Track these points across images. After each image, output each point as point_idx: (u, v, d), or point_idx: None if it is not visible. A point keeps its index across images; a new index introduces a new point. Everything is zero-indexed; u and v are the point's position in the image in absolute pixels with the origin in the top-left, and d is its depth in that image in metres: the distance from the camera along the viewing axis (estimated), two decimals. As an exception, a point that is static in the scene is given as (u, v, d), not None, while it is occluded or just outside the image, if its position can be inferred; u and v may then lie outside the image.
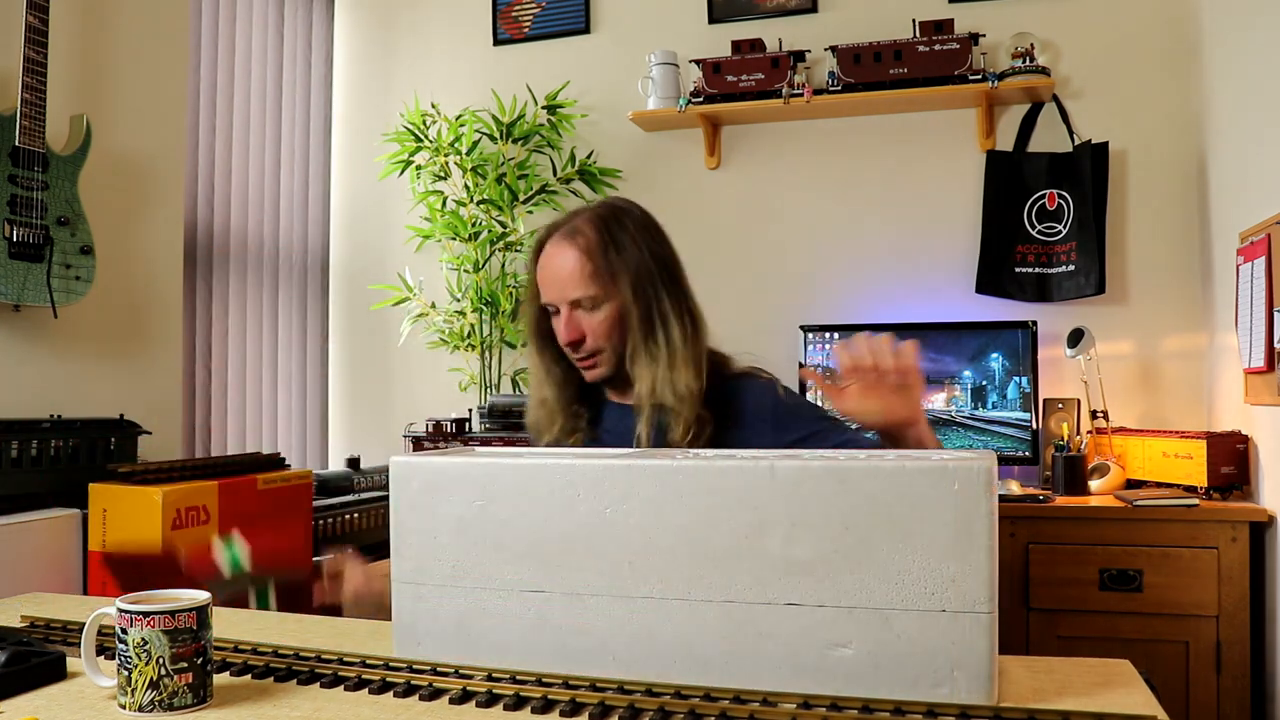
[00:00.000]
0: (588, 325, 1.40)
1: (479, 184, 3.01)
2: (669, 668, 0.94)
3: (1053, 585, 2.20)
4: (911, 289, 2.84)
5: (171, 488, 1.64)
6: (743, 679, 0.92)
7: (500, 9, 3.24)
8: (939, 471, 0.87)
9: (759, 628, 0.91)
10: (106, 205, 2.09)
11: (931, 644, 0.87)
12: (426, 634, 1.03)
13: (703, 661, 0.93)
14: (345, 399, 3.34)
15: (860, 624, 0.89)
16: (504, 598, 0.99)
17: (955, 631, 0.86)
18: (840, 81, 2.74)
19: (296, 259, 3.15)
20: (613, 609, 0.96)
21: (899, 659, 0.88)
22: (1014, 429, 2.57)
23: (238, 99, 2.87)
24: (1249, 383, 2.18)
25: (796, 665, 0.90)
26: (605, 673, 0.95)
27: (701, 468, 0.94)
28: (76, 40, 2.07)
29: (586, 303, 1.40)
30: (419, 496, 1.02)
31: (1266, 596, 2.14)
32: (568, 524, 0.97)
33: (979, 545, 0.86)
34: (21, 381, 1.93)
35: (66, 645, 1.12)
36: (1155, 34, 2.69)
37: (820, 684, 0.89)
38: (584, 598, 0.97)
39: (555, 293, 1.41)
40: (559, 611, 0.97)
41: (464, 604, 1.01)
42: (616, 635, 0.96)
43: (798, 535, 0.90)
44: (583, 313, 1.40)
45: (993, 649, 0.87)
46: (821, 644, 0.90)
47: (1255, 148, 2.17)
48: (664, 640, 0.94)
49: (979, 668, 0.86)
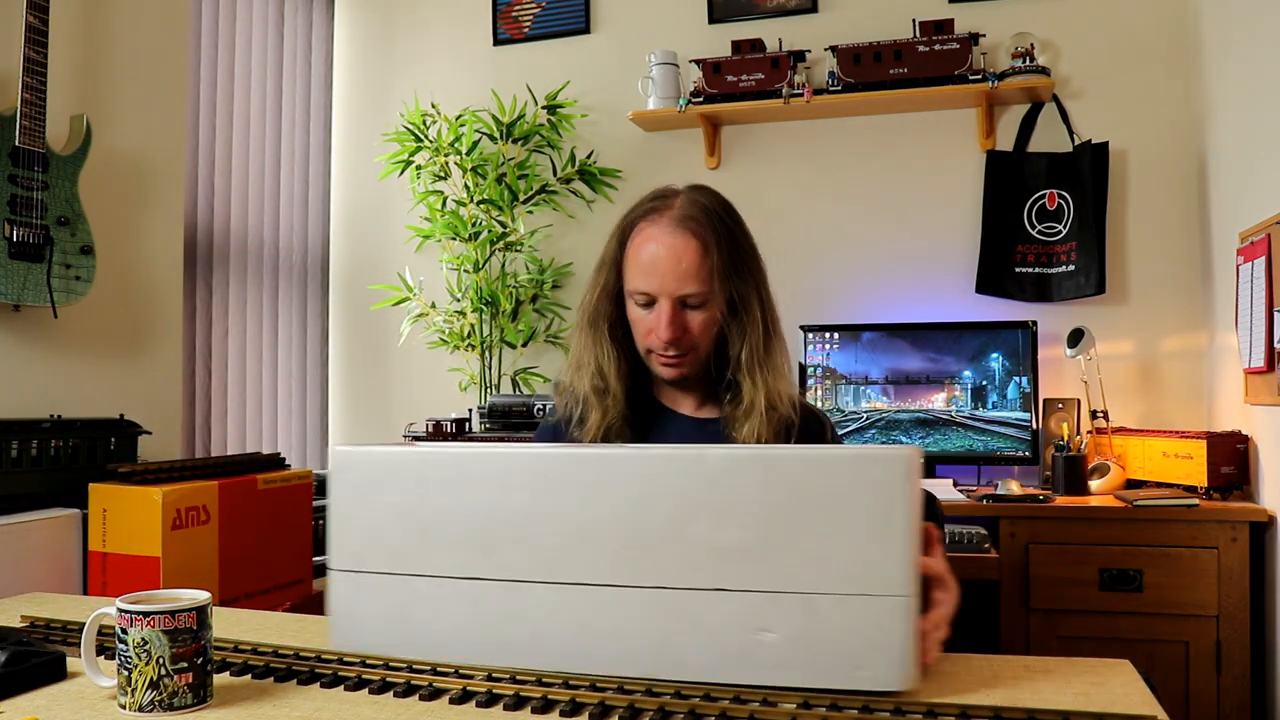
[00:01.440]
0: (691, 322, 1.32)
1: (479, 184, 3.01)
2: (601, 655, 0.96)
3: (1053, 585, 2.20)
4: (911, 289, 2.84)
5: (171, 488, 1.64)
6: (671, 665, 0.94)
7: (500, 9, 3.24)
8: (861, 459, 0.91)
9: (687, 614, 0.93)
10: (106, 205, 2.09)
11: (852, 628, 0.89)
12: (365, 623, 1.04)
13: (633, 648, 0.95)
14: (345, 399, 3.34)
15: (784, 609, 0.91)
16: (440, 586, 1.01)
17: (875, 615, 0.89)
18: (840, 81, 2.74)
19: (296, 259, 3.15)
20: (546, 597, 0.97)
21: (820, 643, 0.90)
22: (1014, 429, 2.57)
23: (238, 99, 2.87)
24: (1249, 383, 2.18)
25: (723, 651, 0.92)
26: (540, 661, 0.97)
27: (632, 456, 0.96)
28: (76, 40, 2.07)
29: (695, 299, 1.30)
30: (358, 487, 1.03)
31: (1266, 596, 2.14)
32: (503, 513, 0.98)
33: (898, 532, 0.89)
34: (21, 381, 1.93)
35: (66, 645, 1.12)
36: (1155, 34, 2.69)
37: (745, 669, 0.92)
38: (518, 586, 0.98)
39: (659, 284, 1.30)
40: (494, 600, 0.99)
41: (401, 593, 1.02)
42: (550, 622, 0.97)
43: (725, 522, 0.92)
44: (686, 310, 1.31)
45: (910, 633, 0.89)
46: (747, 629, 0.92)
47: (1255, 148, 2.17)
48: (596, 627, 0.96)
49: (896, 651, 0.88)
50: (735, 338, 1.34)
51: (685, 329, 1.32)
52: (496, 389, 3.04)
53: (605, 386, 1.38)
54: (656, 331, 1.31)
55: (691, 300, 1.31)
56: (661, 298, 1.30)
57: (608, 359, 1.38)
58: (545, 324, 3.09)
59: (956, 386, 2.62)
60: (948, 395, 2.62)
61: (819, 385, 2.70)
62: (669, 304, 1.30)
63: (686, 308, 1.31)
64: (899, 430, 2.64)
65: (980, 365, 2.61)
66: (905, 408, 2.64)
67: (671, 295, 1.30)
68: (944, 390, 2.63)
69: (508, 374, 3.07)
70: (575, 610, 0.96)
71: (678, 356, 1.33)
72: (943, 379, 2.63)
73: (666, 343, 1.31)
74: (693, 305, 1.31)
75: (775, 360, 1.35)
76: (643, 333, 1.34)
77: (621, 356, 1.39)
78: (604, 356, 1.38)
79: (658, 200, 1.35)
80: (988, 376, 2.60)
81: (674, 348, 1.32)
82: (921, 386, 2.64)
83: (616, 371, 1.38)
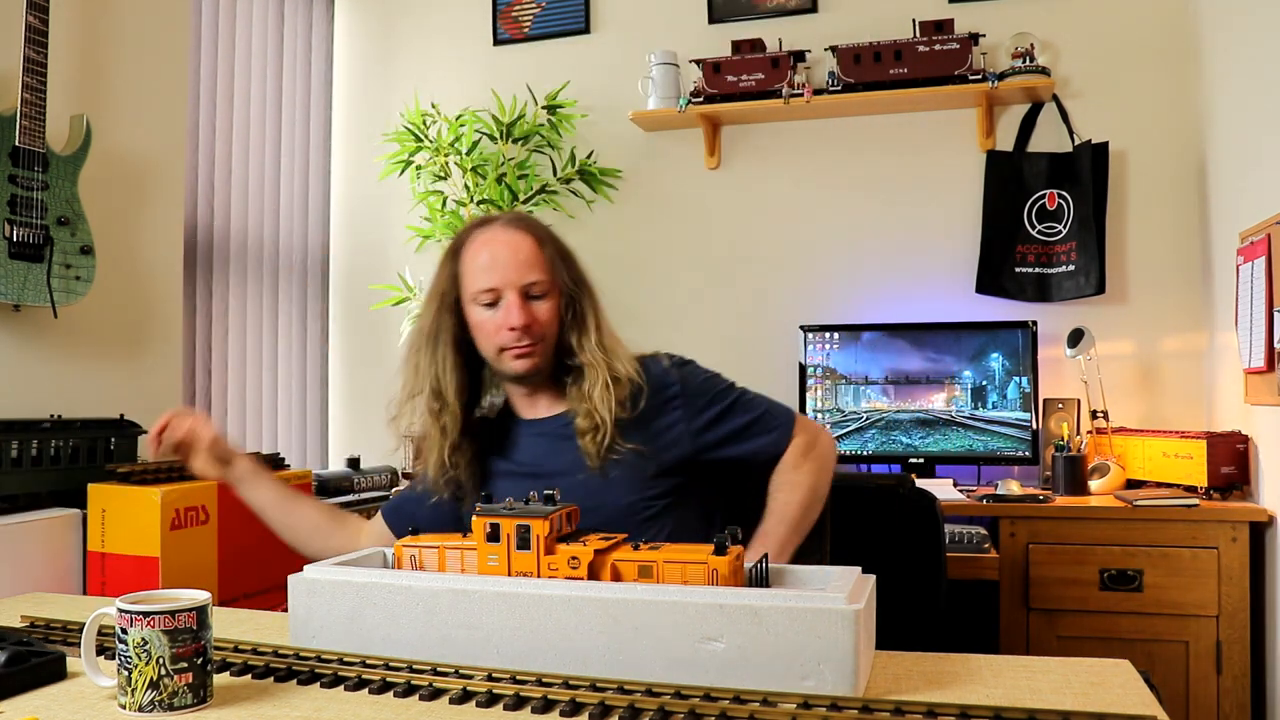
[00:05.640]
0: (537, 311, 1.39)
1: (479, 184, 3.01)
2: (551, 660, 0.98)
3: (1053, 585, 2.20)
4: (911, 289, 2.84)
5: (171, 488, 1.64)
6: (620, 670, 0.95)
7: (500, 9, 3.24)
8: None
9: (636, 622, 0.95)
10: (106, 205, 2.09)
11: (799, 638, 0.91)
12: (321, 627, 1.07)
13: (583, 654, 0.97)
14: (345, 399, 3.34)
15: (731, 619, 0.92)
16: (393, 594, 1.04)
17: (821, 626, 0.90)
18: (840, 81, 2.74)
19: (296, 259, 3.15)
20: (497, 604, 0.99)
21: (767, 652, 0.91)
22: (1014, 429, 2.57)
23: (238, 99, 2.86)
24: (1249, 383, 2.18)
25: (670, 659, 0.94)
26: (490, 665, 0.99)
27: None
28: (76, 40, 2.07)
29: (537, 288, 1.38)
30: None
31: (1266, 596, 2.14)
32: None
33: None
34: (21, 381, 1.93)
35: (66, 645, 1.12)
36: (1155, 34, 2.69)
37: (694, 676, 0.93)
38: (469, 593, 1.01)
39: (500, 277, 1.37)
40: (446, 606, 1.01)
41: (355, 599, 1.05)
42: (501, 629, 0.99)
43: None
44: (532, 300, 1.39)
45: (857, 643, 0.90)
46: (695, 638, 0.93)
47: (1255, 148, 2.17)
48: (546, 634, 0.98)
49: (844, 661, 0.90)
50: (573, 329, 1.42)
51: (534, 317, 1.38)
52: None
53: (442, 405, 1.42)
54: (507, 323, 1.36)
55: (534, 289, 1.38)
56: (506, 290, 1.37)
57: (446, 372, 1.42)
58: (545, 324, 3.09)
59: (956, 386, 2.62)
60: (948, 395, 2.62)
61: (819, 385, 2.70)
62: (515, 294, 1.37)
63: (531, 298, 1.38)
64: (899, 430, 2.64)
65: (980, 365, 2.61)
66: (905, 408, 2.64)
67: (516, 285, 1.37)
68: (944, 390, 2.63)
69: (508, 374, 3.06)
70: (527, 617, 0.99)
71: (530, 345, 1.38)
72: (943, 379, 2.63)
73: (518, 332, 1.37)
74: (536, 295, 1.39)
75: (611, 340, 1.42)
76: (491, 332, 1.39)
77: (461, 369, 1.43)
78: (443, 371, 1.42)
79: (482, 219, 1.46)
80: (988, 376, 2.60)
81: (526, 336, 1.37)
82: (921, 386, 2.64)
83: (455, 385, 1.42)
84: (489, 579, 1.03)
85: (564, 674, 0.95)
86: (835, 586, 0.95)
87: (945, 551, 1.67)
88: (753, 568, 1.03)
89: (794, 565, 1.09)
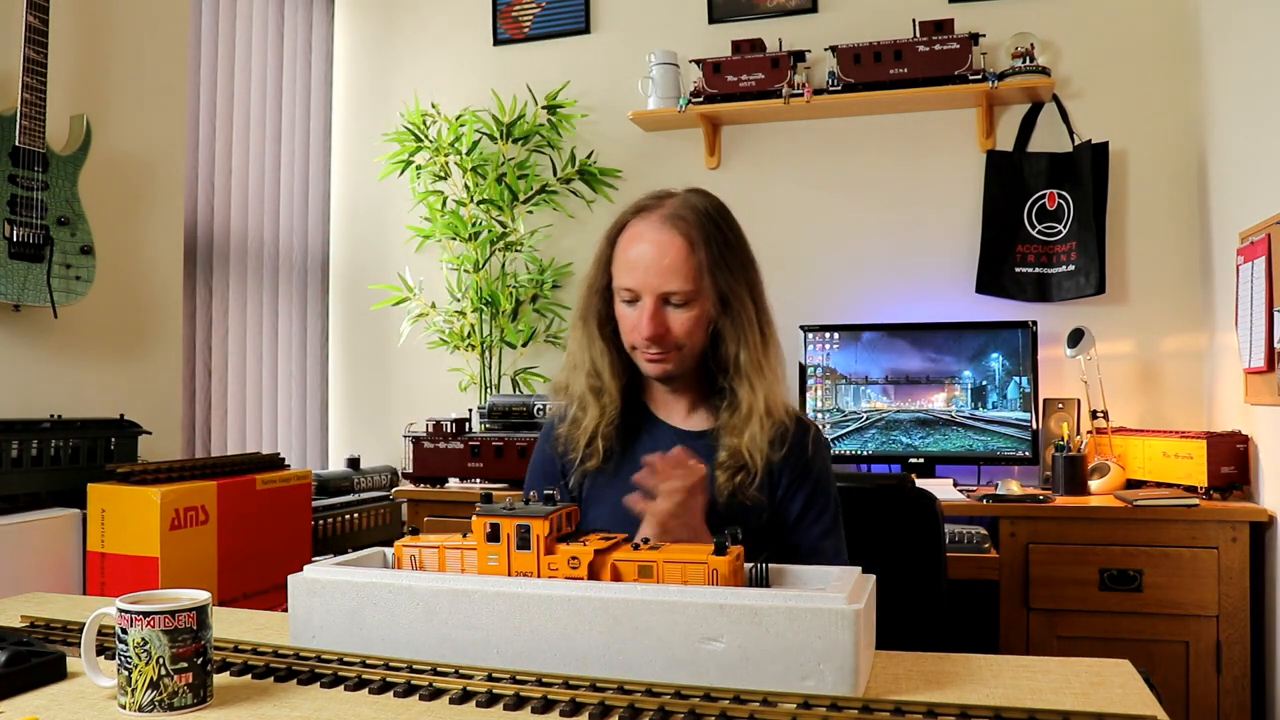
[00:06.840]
0: (674, 320, 1.30)
1: (479, 184, 3.01)
2: (551, 660, 0.98)
3: (1053, 585, 2.20)
4: (911, 289, 2.84)
5: (170, 488, 1.64)
6: (620, 671, 0.95)
7: (500, 9, 3.24)
8: None
9: (636, 622, 0.95)
10: (106, 205, 2.09)
11: (799, 638, 0.90)
12: (321, 627, 1.07)
13: (583, 654, 0.97)
14: (345, 399, 3.34)
15: (731, 619, 0.92)
16: (393, 594, 1.04)
17: (821, 626, 0.90)
18: (840, 81, 2.74)
19: (296, 259, 3.15)
20: (497, 604, 0.99)
21: (767, 652, 0.91)
22: (1014, 429, 2.57)
23: (238, 99, 2.86)
24: (1249, 383, 2.18)
25: (671, 659, 0.94)
26: (490, 665, 0.99)
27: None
28: (76, 40, 2.07)
29: (679, 297, 1.29)
30: None
31: (1266, 596, 2.14)
32: None
33: None
34: (21, 381, 1.93)
35: (66, 645, 1.12)
36: (1155, 34, 2.69)
37: (694, 676, 0.93)
38: (469, 593, 1.01)
39: (641, 280, 1.29)
40: (446, 606, 1.01)
41: (355, 599, 1.05)
42: (501, 629, 0.99)
43: None
44: (670, 308, 1.30)
45: (857, 643, 0.89)
46: (695, 638, 0.93)
47: (1255, 148, 2.17)
48: (546, 634, 0.98)
49: (844, 661, 0.89)
50: (729, 339, 1.33)
51: (668, 327, 1.30)
52: (496, 389, 3.04)
53: (601, 386, 1.37)
54: (639, 329, 1.30)
55: (675, 298, 1.29)
56: (645, 294, 1.29)
57: (601, 356, 1.37)
58: (545, 324, 3.09)
59: (956, 386, 2.62)
60: (948, 395, 2.62)
61: (819, 385, 2.70)
62: (652, 300, 1.29)
63: (670, 305, 1.30)
64: (899, 430, 2.64)
65: (980, 365, 2.61)
66: (905, 408, 2.64)
67: (654, 292, 1.29)
68: (944, 390, 2.63)
69: (508, 374, 3.07)
70: (526, 617, 0.99)
71: (661, 353, 1.32)
72: (943, 379, 2.63)
73: (648, 340, 1.30)
74: (677, 303, 1.30)
75: (773, 365, 1.34)
76: (628, 329, 1.34)
77: (614, 354, 1.38)
78: (597, 354, 1.37)
79: (652, 199, 1.35)
80: (988, 376, 2.60)
81: (656, 345, 1.31)
82: (921, 386, 2.64)
83: (610, 369, 1.37)
84: (489, 579, 1.03)
85: (564, 674, 0.95)
86: (835, 586, 0.95)
87: (945, 551, 1.67)
88: (753, 568, 1.03)
89: (794, 565, 1.09)
